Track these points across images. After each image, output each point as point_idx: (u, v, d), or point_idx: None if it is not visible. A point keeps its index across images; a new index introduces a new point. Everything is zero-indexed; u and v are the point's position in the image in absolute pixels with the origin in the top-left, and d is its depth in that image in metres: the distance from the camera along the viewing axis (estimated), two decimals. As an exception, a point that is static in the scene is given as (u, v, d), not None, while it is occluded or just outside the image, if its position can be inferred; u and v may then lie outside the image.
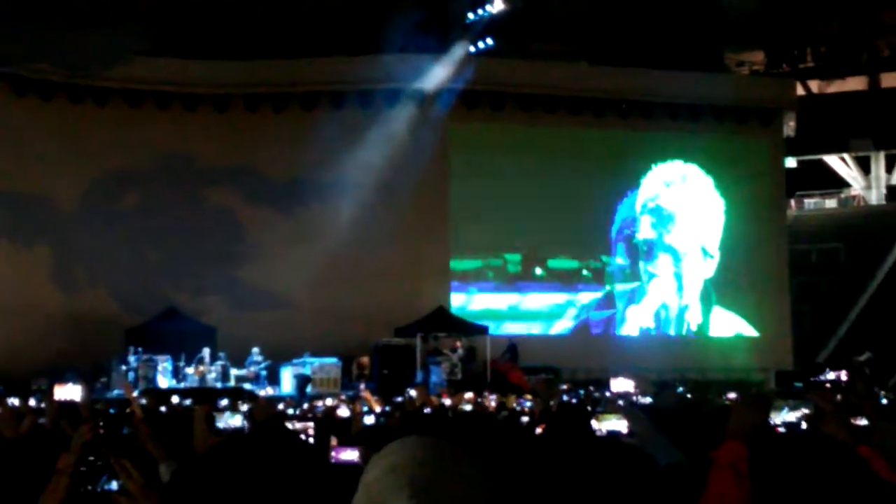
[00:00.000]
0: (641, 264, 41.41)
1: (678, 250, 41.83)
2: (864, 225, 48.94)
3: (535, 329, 40.32)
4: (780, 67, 49.36)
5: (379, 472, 2.15)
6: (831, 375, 33.90)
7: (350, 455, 7.20)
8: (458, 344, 35.96)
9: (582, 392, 18.49)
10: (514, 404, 21.12)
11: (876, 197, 51.96)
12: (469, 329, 37.20)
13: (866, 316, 44.82)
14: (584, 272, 41.18)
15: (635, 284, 41.37)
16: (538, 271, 40.89)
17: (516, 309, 40.45)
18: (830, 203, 52.62)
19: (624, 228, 41.47)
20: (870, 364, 35.50)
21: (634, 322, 41.31)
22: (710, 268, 42.13)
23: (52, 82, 38.20)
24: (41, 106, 37.98)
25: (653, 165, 42.60)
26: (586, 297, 40.83)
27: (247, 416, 9.45)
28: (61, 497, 4.53)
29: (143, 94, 39.35)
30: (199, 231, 38.93)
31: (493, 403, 20.76)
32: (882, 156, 52.03)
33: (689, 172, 42.61)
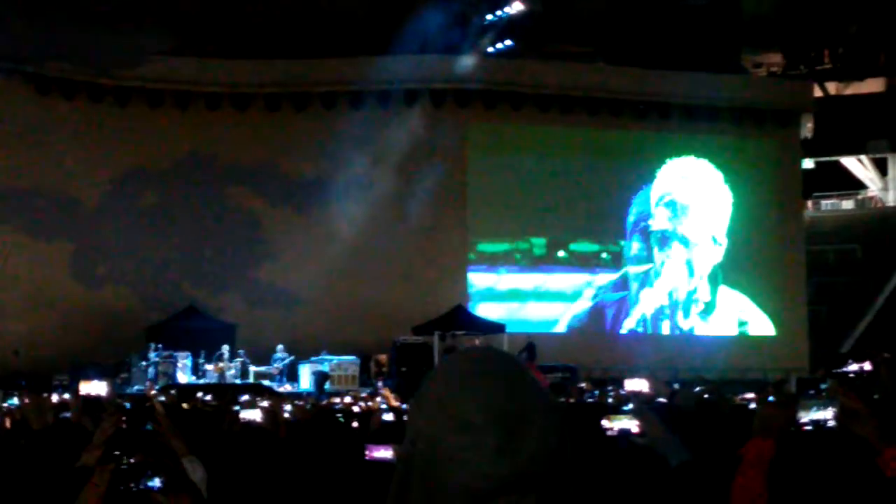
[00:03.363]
0: (655, 251, 41.97)
1: (689, 239, 42.34)
2: (881, 226, 48.93)
3: (557, 309, 41.11)
4: (798, 69, 49.42)
5: (460, 395, 1.99)
6: (854, 367, 33.85)
7: (384, 453, 7.24)
8: (476, 342, 36.07)
9: (597, 392, 18.50)
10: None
11: (893, 198, 51.87)
12: (487, 327, 37.35)
13: (883, 316, 44.81)
14: (603, 255, 41.91)
15: (648, 266, 41.80)
16: (561, 254, 41.60)
17: (540, 289, 41.21)
18: (847, 204, 52.58)
19: (640, 221, 42.02)
20: (887, 364, 35.46)
21: (647, 303, 41.78)
22: (718, 253, 42.56)
23: (74, 81, 38.50)
24: (63, 105, 38.29)
25: (667, 160, 42.82)
26: (604, 278, 41.60)
27: (266, 413, 9.62)
28: (101, 493, 4.62)
29: (163, 93, 39.61)
30: (218, 229, 39.19)
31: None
32: (899, 157, 52.03)
33: (701, 166, 42.77)
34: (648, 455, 6.49)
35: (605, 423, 9.12)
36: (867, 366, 31.77)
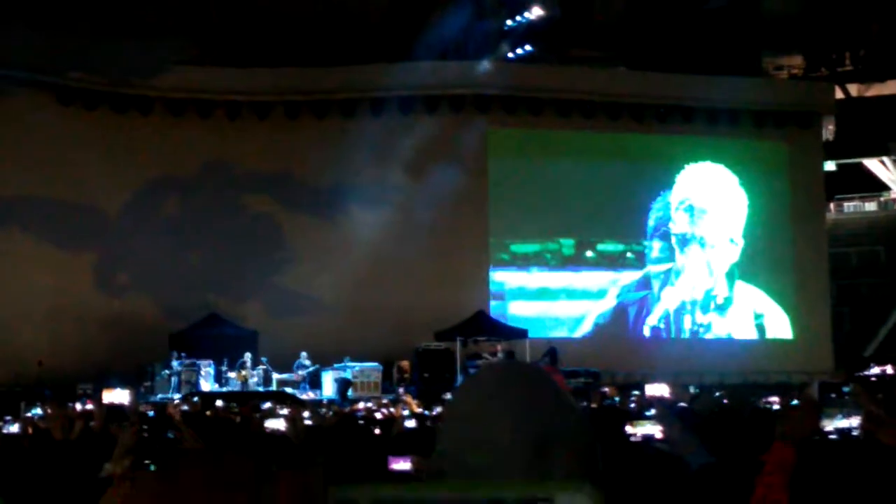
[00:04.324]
0: (676, 252, 42.41)
1: (707, 241, 42.66)
2: (905, 228, 48.79)
3: (585, 306, 41.56)
4: (819, 71, 49.28)
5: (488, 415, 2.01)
6: (876, 370, 33.77)
7: (403, 465, 7.20)
8: (498, 348, 36.09)
9: (617, 399, 18.47)
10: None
11: (916, 200, 51.71)
12: (509, 333, 37.35)
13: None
14: (628, 255, 42.29)
15: (669, 266, 42.16)
16: (589, 254, 41.97)
17: (570, 288, 41.70)
18: (870, 206, 52.38)
19: (660, 225, 42.33)
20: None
21: (668, 301, 42.10)
22: (735, 253, 42.78)
23: (97, 92, 38.66)
24: (85, 115, 38.45)
25: (684, 165, 42.90)
26: (628, 276, 42.07)
27: (289, 421, 9.63)
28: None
29: (185, 102, 39.73)
30: (240, 237, 39.26)
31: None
32: (922, 159, 51.82)
33: (717, 171, 42.95)
34: (671, 460, 6.50)
35: (628, 428, 9.14)
36: (889, 369, 31.68)
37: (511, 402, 2.02)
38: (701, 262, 42.41)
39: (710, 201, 42.81)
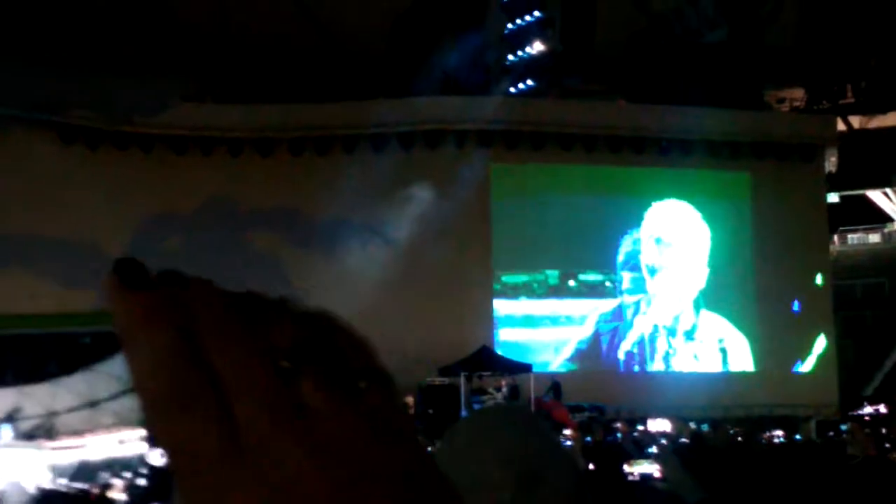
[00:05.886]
0: (647, 281, 43.05)
1: (675, 272, 43.00)
2: (909, 259, 48.75)
3: (568, 333, 42.32)
4: (821, 104, 49.35)
5: (483, 455, 2.01)
6: (869, 409, 33.77)
7: None
8: (503, 382, 36.02)
9: (619, 435, 18.42)
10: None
11: (920, 231, 51.72)
12: (513, 367, 37.26)
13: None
14: (607, 284, 42.80)
15: (640, 297, 42.76)
16: (571, 283, 42.48)
17: (554, 315, 42.39)
18: (874, 238, 52.39)
19: (630, 259, 42.88)
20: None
21: (639, 329, 42.64)
22: (702, 281, 43.08)
23: (99, 130, 38.80)
24: (88, 153, 38.61)
25: (677, 198, 43.17)
26: (608, 304, 42.76)
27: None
28: None
29: (187, 139, 39.85)
30: (243, 274, 38.98)
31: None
32: (924, 190, 51.82)
33: (683, 207, 43.46)
34: (669, 498, 6.46)
35: (626, 468, 9.10)
36: (882, 408, 31.68)
37: (501, 441, 2.02)
38: (670, 292, 43.04)
39: (677, 236, 43.24)
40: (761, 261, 42.97)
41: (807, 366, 43.17)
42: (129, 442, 20.15)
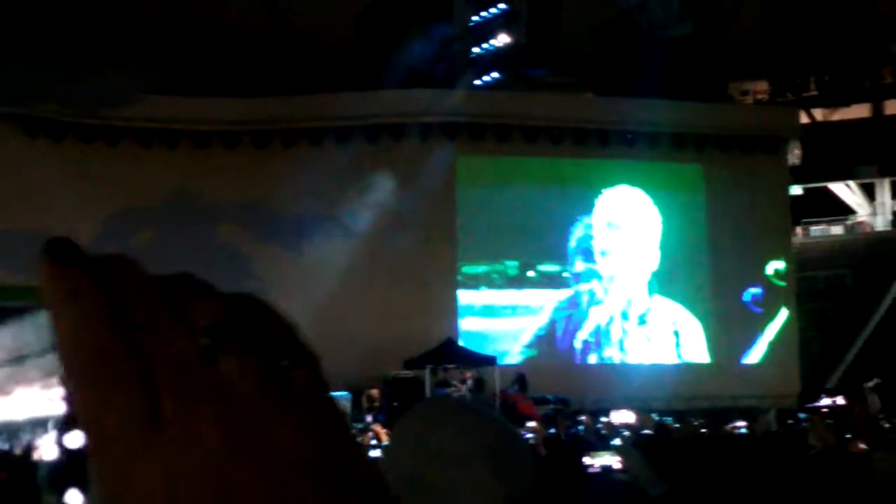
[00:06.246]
0: (602, 268, 43.16)
1: (627, 254, 43.07)
2: (871, 251, 49.06)
3: (526, 322, 42.40)
4: (785, 96, 49.67)
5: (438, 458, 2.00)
6: (827, 401, 34.03)
7: None
8: (468, 375, 36.10)
9: (581, 427, 18.50)
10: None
11: (882, 223, 52.11)
12: (478, 360, 37.35)
13: (874, 341, 44.87)
14: (564, 274, 42.84)
15: (593, 283, 42.84)
16: (530, 274, 42.53)
17: (514, 305, 42.40)
18: (836, 230, 52.78)
19: (582, 244, 42.95)
20: (879, 390, 35.58)
21: (594, 316, 42.75)
22: (654, 264, 43.17)
23: (64, 123, 38.62)
24: (53, 147, 38.40)
25: (658, 189, 43.29)
26: (565, 293, 42.83)
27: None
28: None
29: (153, 132, 39.73)
30: (209, 267, 38.71)
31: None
32: (887, 182, 52.22)
33: (633, 192, 43.51)
34: (631, 490, 6.55)
35: (587, 460, 9.18)
36: (840, 400, 31.95)
37: (459, 418, 2.05)
38: (625, 279, 43.19)
39: (631, 221, 43.35)
40: (718, 253, 43.24)
41: (754, 356, 43.39)
42: (58, 400, 19.42)
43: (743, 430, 21.72)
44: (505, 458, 2.00)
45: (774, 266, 44.02)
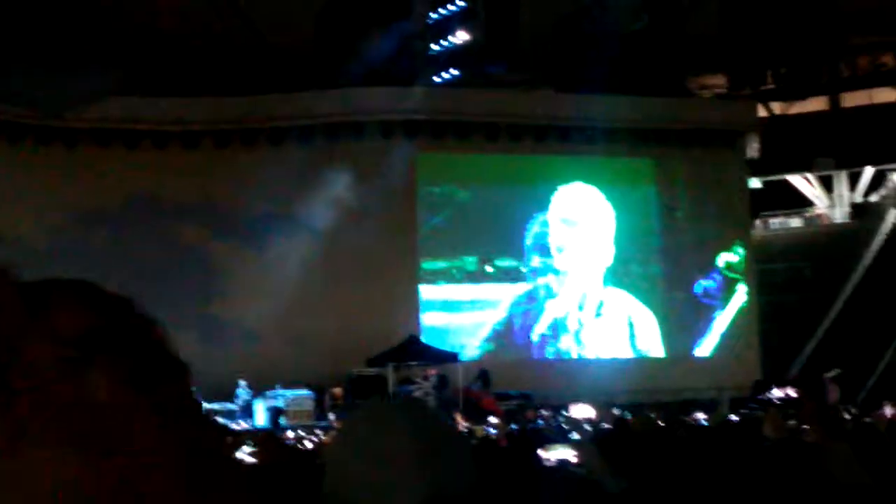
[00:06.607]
0: (558, 263, 43.30)
1: (583, 250, 43.25)
2: (830, 243, 49.37)
3: (485, 316, 42.50)
4: (743, 90, 49.92)
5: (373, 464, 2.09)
6: (778, 393, 34.27)
7: None
8: (431, 372, 36.19)
9: (541, 422, 18.62)
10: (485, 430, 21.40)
11: (840, 215, 52.46)
12: (441, 357, 37.44)
13: (834, 333, 45.17)
14: (521, 269, 42.92)
15: (549, 278, 43.01)
16: (488, 269, 42.55)
17: (473, 300, 42.45)
18: (796, 222, 53.10)
19: (538, 241, 43.11)
20: (838, 380, 35.89)
21: (550, 310, 42.88)
22: (609, 260, 43.38)
23: (21, 124, 38.42)
24: (10, 147, 38.22)
25: (619, 184, 43.49)
26: (522, 287, 42.98)
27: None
28: None
29: (111, 133, 39.59)
30: (170, 268, 39.02)
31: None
32: (844, 175, 52.58)
33: (588, 190, 43.69)
34: (587, 484, 6.62)
35: (542, 453, 9.25)
36: (791, 392, 32.22)
37: (398, 422, 2.13)
38: (580, 273, 43.45)
39: (585, 217, 43.56)
40: (673, 246, 43.57)
41: (706, 349, 43.68)
42: None
43: (703, 422, 21.87)
44: (440, 457, 2.09)
45: (726, 258, 44.28)
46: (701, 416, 23.16)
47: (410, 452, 2.08)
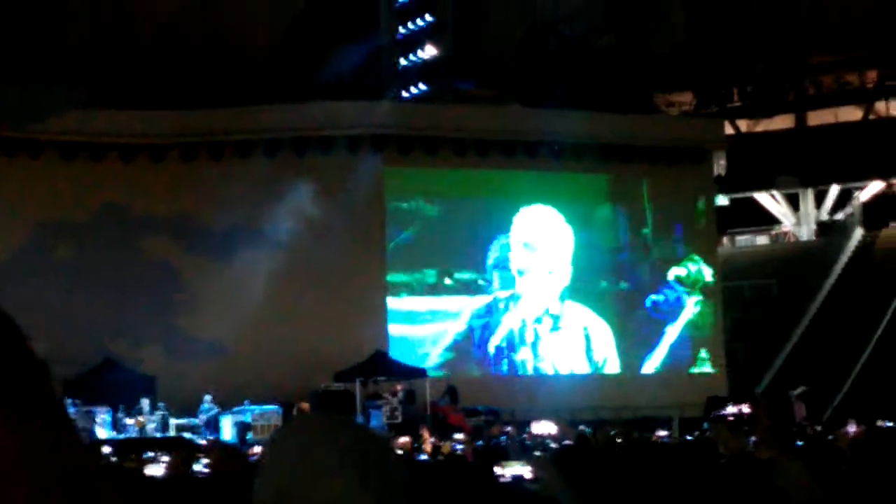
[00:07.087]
0: (517, 279, 43.37)
1: (543, 272, 43.36)
2: (796, 260, 49.61)
3: (444, 326, 42.47)
4: (709, 107, 50.20)
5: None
6: (733, 409, 34.35)
7: None
8: (398, 387, 36.15)
9: (504, 438, 18.63)
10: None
11: (806, 233, 52.75)
12: (408, 372, 37.44)
13: (800, 350, 45.37)
14: (480, 282, 42.97)
15: (510, 292, 43.09)
16: (447, 281, 42.57)
17: (431, 311, 42.39)
18: (762, 239, 53.36)
19: (499, 262, 43.17)
20: (804, 398, 36.01)
21: (508, 323, 43.01)
22: (566, 279, 43.38)
23: (-16, 136, 38.22)
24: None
25: (585, 199, 43.65)
26: (481, 300, 43.07)
27: (170, 468, 9.59)
28: None
29: (77, 145, 39.38)
30: (136, 281, 38.87)
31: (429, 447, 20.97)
32: (810, 192, 52.86)
33: (549, 212, 43.66)
34: (542, 500, 6.63)
35: (497, 469, 9.26)
36: (745, 408, 32.32)
37: (335, 433, 2.14)
38: (537, 289, 43.59)
39: (544, 238, 43.63)
40: (634, 262, 43.81)
41: (652, 365, 43.83)
42: None
43: (666, 440, 22.00)
44: (374, 469, 2.09)
45: (676, 272, 44.36)
46: (663, 433, 23.26)
47: (352, 466, 2.07)
